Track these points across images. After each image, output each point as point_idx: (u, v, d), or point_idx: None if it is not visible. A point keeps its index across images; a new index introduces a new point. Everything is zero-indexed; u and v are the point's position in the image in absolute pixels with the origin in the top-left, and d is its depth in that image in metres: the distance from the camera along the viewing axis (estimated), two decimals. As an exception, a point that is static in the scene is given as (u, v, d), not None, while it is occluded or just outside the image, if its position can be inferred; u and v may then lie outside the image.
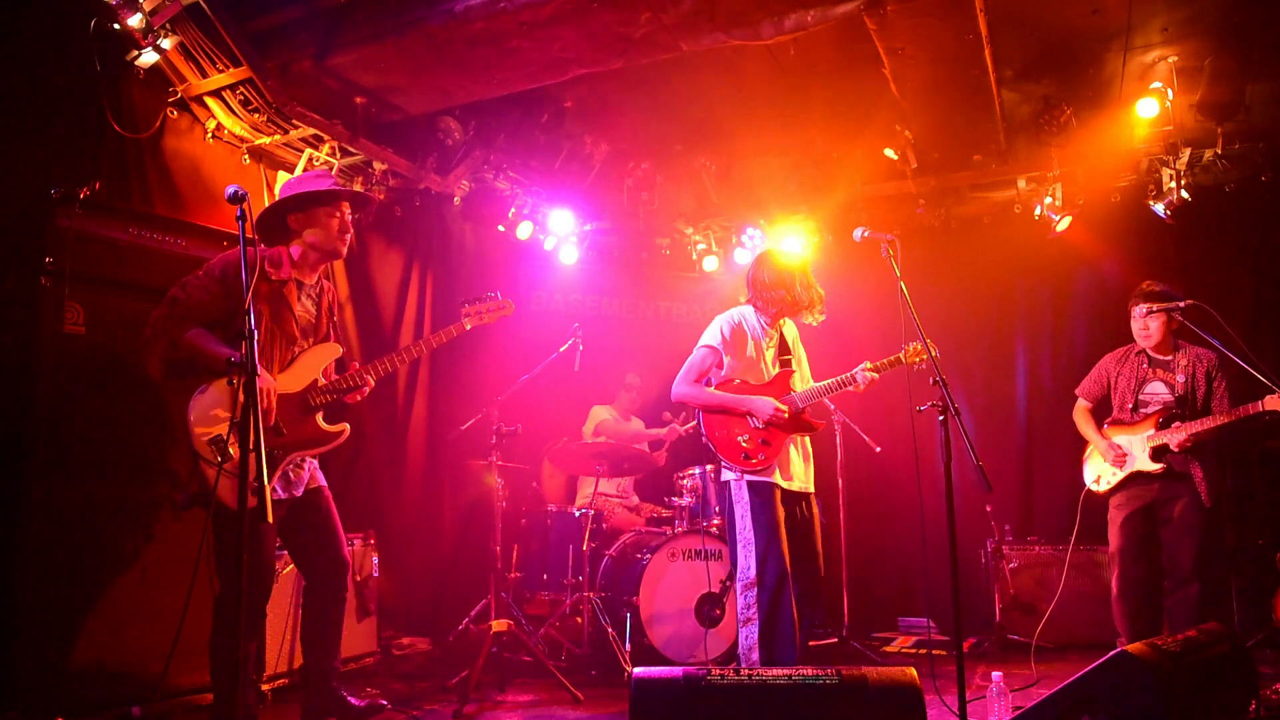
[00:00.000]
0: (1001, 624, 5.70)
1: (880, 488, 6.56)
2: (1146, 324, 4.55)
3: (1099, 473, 4.72)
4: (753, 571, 3.70)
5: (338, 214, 3.53)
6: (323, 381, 3.47)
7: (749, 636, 3.69)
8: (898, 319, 3.48)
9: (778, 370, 4.00)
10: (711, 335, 3.98)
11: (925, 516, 4.35)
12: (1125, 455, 4.60)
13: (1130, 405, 4.65)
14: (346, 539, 4.75)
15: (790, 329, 4.16)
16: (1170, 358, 4.61)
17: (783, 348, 4.06)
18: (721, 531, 5.28)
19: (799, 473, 3.94)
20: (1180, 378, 4.57)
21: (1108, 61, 4.99)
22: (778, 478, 3.82)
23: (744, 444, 3.83)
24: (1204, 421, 4.37)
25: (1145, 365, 4.66)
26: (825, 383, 3.95)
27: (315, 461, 3.54)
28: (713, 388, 3.96)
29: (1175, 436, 4.43)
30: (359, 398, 3.59)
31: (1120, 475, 4.61)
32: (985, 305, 6.72)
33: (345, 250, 3.60)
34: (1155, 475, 4.51)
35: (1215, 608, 5.16)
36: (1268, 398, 4.19)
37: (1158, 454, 4.50)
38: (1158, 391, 4.61)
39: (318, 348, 3.53)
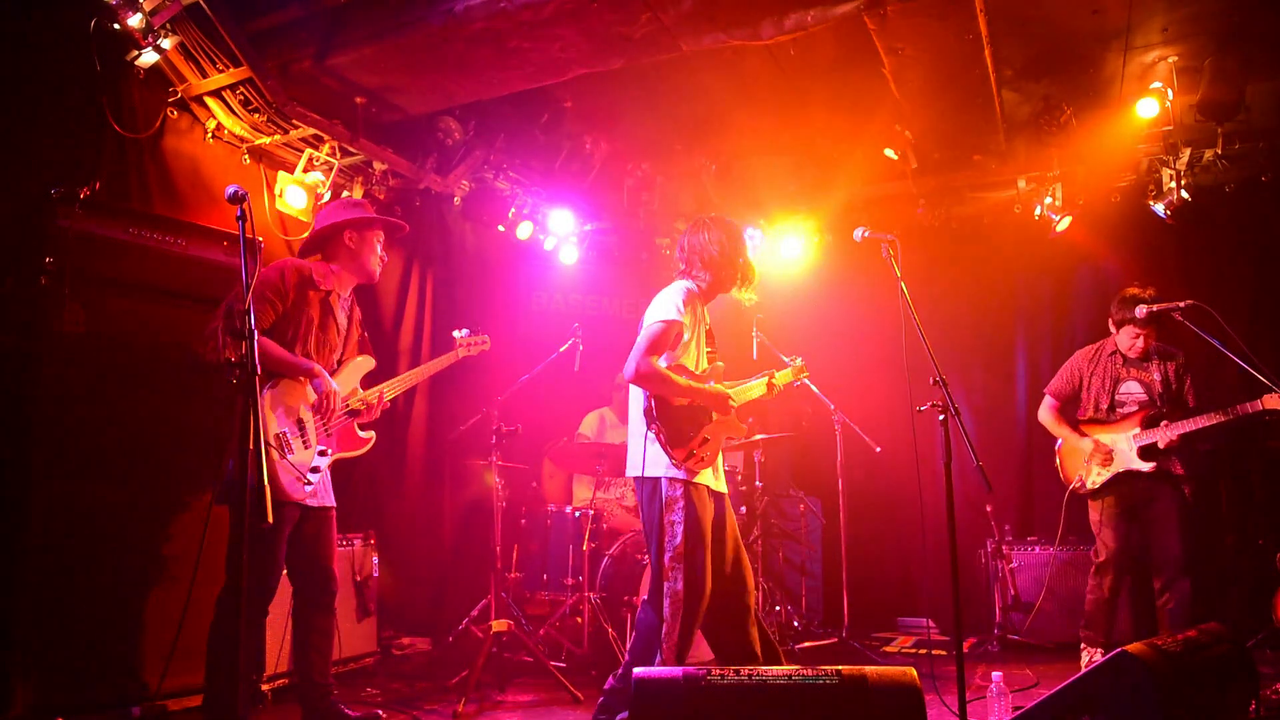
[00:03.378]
0: (1001, 624, 5.70)
1: (880, 488, 6.56)
2: (1139, 333, 4.57)
3: (1081, 472, 4.74)
4: (680, 582, 3.34)
5: (380, 239, 3.79)
6: (361, 391, 3.66)
7: (669, 661, 3.32)
8: (898, 319, 3.48)
9: (708, 365, 3.63)
10: (672, 309, 3.45)
11: (925, 516, 4.35)
12: (1113, 454, 4.62)
13: (1106, 405, 4.70)
14: (347, 539, 4.81)
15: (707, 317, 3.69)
16: (1144, 358, 4.67)
17: (709, 337, 3.68)
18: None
19: (720, 474, 3.62)
20: (1156, 376, 4.65)
21: (1108, 61, 4.99)
22: (708, 478, 3.51)
23: (692, 442, 3.45)
24: (1196, 420, 4.40)
25: (1120, 365, 4.72)
26: (753, 385, 3.75)
27: (329, 477, 3.64)
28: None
29: (1165, 435, 4.47)
30: (378, 414, 3.74)
31: (1106, 475, 4.64)
32: (985, 305, 6.72)
33: (378, 274, 3.83)
34: (1140, 474, 4.55)
35: (1215, 608, 5.21)
36: (1266, 396, 4.23)
37: (1146, 453, 4.53)
38: (1133, 391, 4.68)
39: (360, 359, 3.75)
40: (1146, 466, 4.54)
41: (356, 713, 3.62)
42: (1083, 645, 4.72)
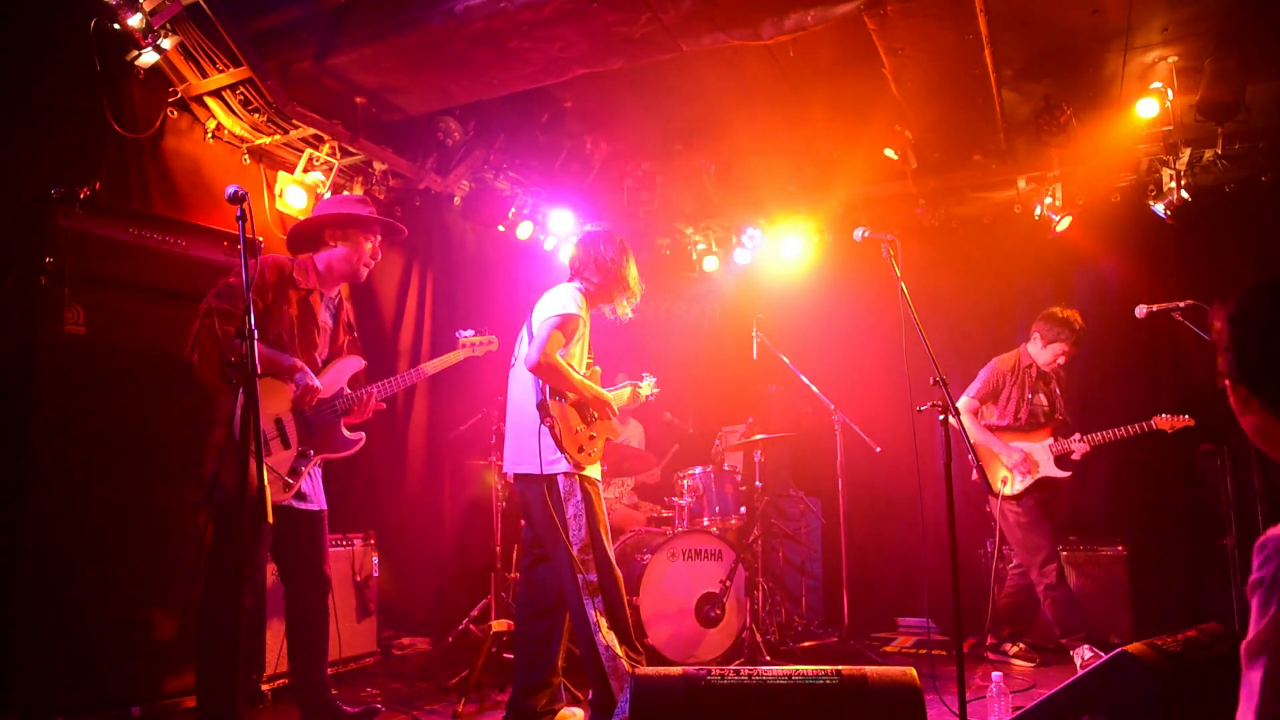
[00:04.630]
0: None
1: (880, 488, 6.56)
2: (1066, 352, 5.00)
3: (1004, 476, 5.00)
4: (593, 572, 3.44)
5: (371, 240, 3.71)
6: (348, 391, 3.61)
7: (608, 649, 3.38)
8: (898, 319, 3.48)
9: (586, 371, 3.74)
10: (571, 304, 3.57)
11: (925, 516, 4.37)
12: (1037, 462, 4.99)
13: (1026, 415, 5.07)
14: (347, 539, 4.81)
15: None
16: (1048, 373, 5.14)
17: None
18: (722, 531, 5.28)
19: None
20: (1056, 390, 5.14)
21: (1108, 61, 4.99)
22: (594, 471, 3.61)
23: (581, 437, 3.56)
24: (1104, 434, 4.88)
25: (1034, 378, 5.12)
26: (621, 391, 3.94)
27: (319, 480, 3.61)
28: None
29: (1080, 446, 4.90)
30: (369, 414, 3.69)
31: (1030, 481, 4.96)
32: (985, 305, 6.72)
33: (365, 275, 3.75)
34: (1050, 482, 4.96)
35: (1215, 608, 5.28)
36: (1155, 418, 4.79)
37: (1060, 462, 4.94)
38: (1041, 404, 5.11)
39: (349, 359, 3.70)
40: (1063, 474, 4.95)
41: (356, 709, 3.61)
42: (1070, 650, 4.84)
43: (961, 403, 5.12)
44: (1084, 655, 4.70)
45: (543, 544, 3.60)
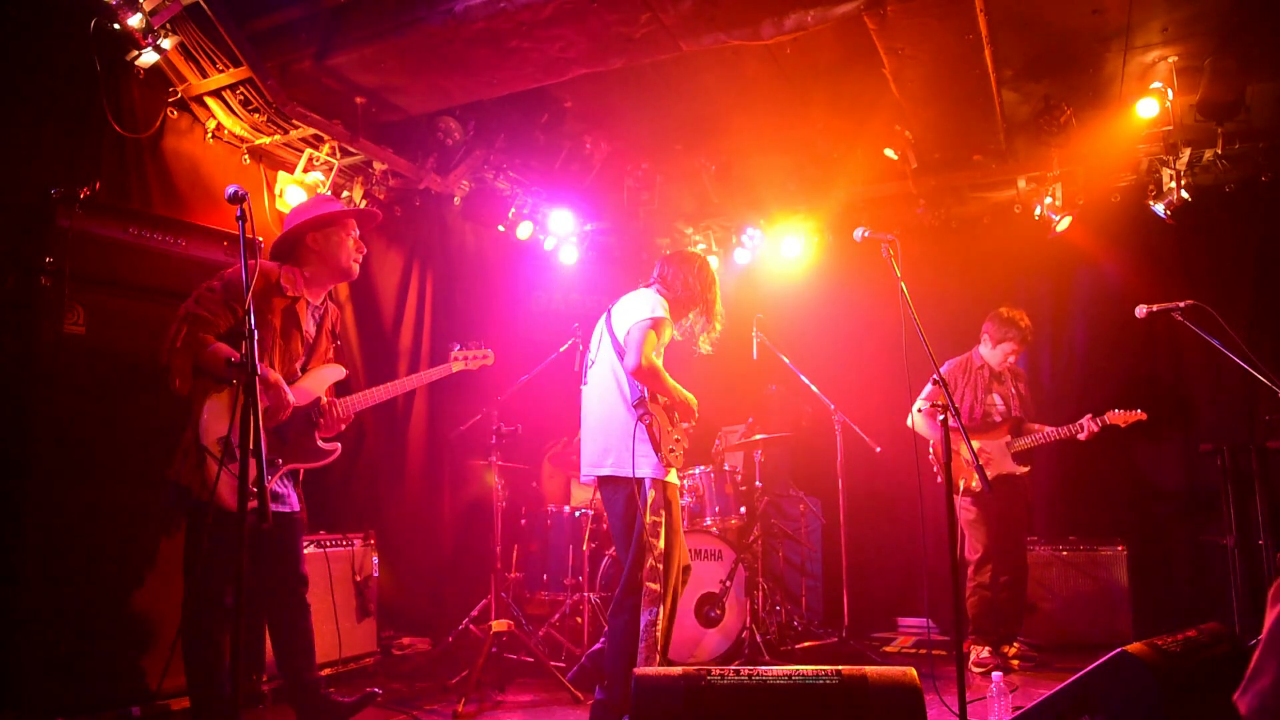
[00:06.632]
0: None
1: (880, 488, 6.56)
2: (1015, 350, 5.14)
3: (964, 475, 5.01)
4: (660, 585, 3.40)
5: (351, 234, 3.66)
6: (325, 400, 3.56)
7: (646, 661, 3.35)
8: (898, 319, 3.48)
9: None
10: (660, 308, 3.61)
11: (925, 516, 4.36)
12: (989, 460, 5.07)
13: (981, 414, 5.15)
14: (347, 539, 4.80)
15: None
16: (1003, 373, 5.23)
17: None
18: (722, 531, 5.28)
19: None
20: (1013, 390, 5.22)
21: (1108, 61, 4.99)
22: (673, 475, 3.63)
23: (670, 439, 3.59)
24: (1059, 430, 4.98)
25: (988, 378, 5.21)
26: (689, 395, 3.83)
27: (290, 482, 3.58)
28: None
29: (1041, 438, 5.00)
30: (341, 427, 3.61)
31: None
32: (985, 305, 6.68)
33: (357, 270, 3.71)
34: (1006, 480, 5.01)
35: (1215, 608, 5.28)
36: (1109, 413, 4.92)
37: (1019, 458, 5.06)
38: (996, 403, 5.20)
39: (327, 367, 3.64)
40: (1021, 470, 5.04)
41: (351, 697, 3.59)
42: (970, 648, 4.95)
43: (916, 406, 5.13)
44: (981, 654, 4.90)
45: (619, 546, 3.59)
